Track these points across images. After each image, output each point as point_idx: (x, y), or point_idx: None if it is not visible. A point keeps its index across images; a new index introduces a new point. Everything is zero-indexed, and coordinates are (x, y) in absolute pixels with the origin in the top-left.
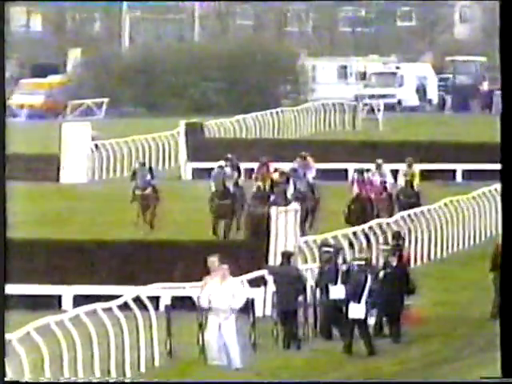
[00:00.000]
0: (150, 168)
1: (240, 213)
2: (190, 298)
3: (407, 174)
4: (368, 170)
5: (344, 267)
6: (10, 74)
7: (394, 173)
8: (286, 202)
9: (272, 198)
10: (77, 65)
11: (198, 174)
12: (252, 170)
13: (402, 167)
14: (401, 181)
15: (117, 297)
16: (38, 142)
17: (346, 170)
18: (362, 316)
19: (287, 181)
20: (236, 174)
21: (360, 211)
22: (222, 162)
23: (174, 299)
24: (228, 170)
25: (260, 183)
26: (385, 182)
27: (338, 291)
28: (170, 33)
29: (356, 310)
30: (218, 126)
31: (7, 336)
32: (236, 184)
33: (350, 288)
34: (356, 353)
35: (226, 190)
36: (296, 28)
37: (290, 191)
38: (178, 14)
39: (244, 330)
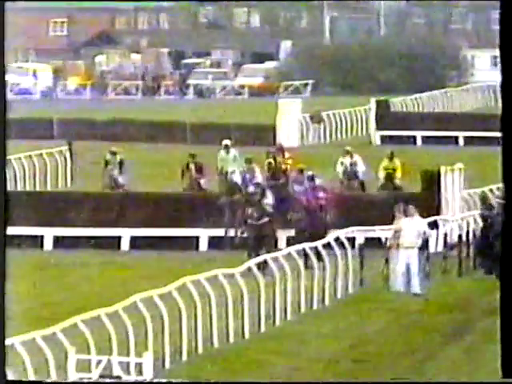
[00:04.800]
0: (121, 161)
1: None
2: (379, 238)
3: (388, 167)
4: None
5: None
6: (233, 60)
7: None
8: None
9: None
10: (288, 53)
11: (385, 140)
12: (428, 137)
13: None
14: (381, 175)
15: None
16: (259, 114)
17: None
18: None
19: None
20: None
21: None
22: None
23: (367, 239)
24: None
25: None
26: (355, 172)
27: None
28: (361, 28)
29: None
30: (400, 103)
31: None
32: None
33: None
34: None
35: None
36: (459, 25)
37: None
38: (368, 14)
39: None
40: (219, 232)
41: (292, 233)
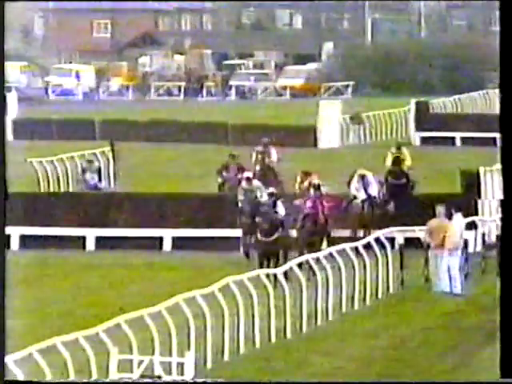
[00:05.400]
0: (99, 169)
1: None
2: (418, 238)
3: (395, 155)
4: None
5: None
6: (275, 62)
7: None
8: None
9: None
10: (329, 55)
11: (425, 141)
12: (467, 138)
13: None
14: (388, 161)
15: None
16: (300, 115)
17: None
18: None
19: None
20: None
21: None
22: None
23: (406, 240)
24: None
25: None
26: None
27: None
28: (402, 30)
29: None
30: (439, 104)
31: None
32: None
33: None
34: None
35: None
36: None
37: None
38: (408, 15)
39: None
40: None
41: None
